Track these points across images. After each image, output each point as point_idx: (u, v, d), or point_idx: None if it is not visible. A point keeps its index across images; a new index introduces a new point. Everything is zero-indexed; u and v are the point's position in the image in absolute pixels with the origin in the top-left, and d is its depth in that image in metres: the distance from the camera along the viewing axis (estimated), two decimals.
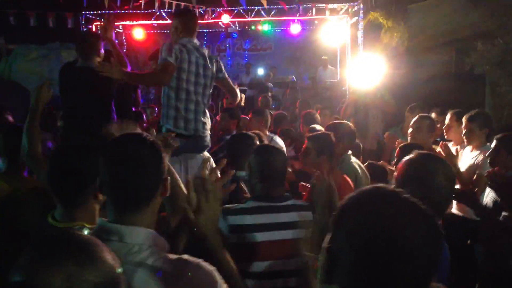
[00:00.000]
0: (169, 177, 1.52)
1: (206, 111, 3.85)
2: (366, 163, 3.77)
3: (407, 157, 1.99)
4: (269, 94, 9.57)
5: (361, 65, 8.47)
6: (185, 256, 1.40)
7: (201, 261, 1.39)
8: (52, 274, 0.92)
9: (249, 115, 5.43)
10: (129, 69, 4.27)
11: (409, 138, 4.03)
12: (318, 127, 4.44)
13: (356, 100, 7.03)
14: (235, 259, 2.24)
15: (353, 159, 3.57)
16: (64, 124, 4.57)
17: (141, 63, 11.67)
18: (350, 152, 3.58)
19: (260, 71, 11.50)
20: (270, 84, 10.94)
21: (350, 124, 3.71)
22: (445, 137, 4.34)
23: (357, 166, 3.50)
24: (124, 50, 9.93)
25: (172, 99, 3.68)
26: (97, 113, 3.96)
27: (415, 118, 4.12)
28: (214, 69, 3.86)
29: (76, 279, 0.93)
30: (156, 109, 8.37)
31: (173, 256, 1.40)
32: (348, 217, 1.03)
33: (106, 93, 4.07)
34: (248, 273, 2.32)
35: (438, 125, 4.37)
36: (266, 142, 3.79)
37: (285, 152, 2.52)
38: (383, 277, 0.95)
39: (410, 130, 4.08)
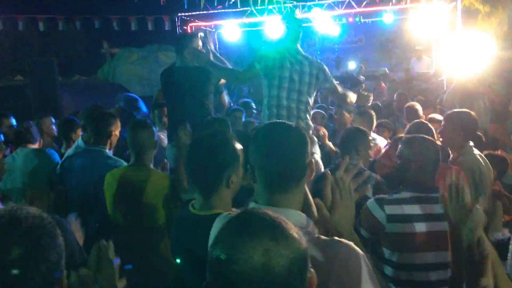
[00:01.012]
0: (313, 160, 1.57)
1: (304, 115, 3.86)
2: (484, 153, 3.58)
3: None
4: (362, 87, 9.37)
5: (462, 51, 8.02)
6: (336, 238, 1.44)
7: (352, 244, 1.42)
8: (251, 249, 0.97)
9: (351, 116, 5.37)
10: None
11: None
12: (437, 116, 4.30)
13: (459, 89, 6.66)
14: (392, 249, 2.24)
15: (475, 150, 3.40)
16: (168, 121, 4.82)
17: (232, 62, 11.96)
18: (471, 143, 3.42)
19: (352, 65, 11.29)
20: (362, 78, 10.70)
21: (472, 113, 3.51)
22: None
23: (479, 158, 3.33)
24: (217, 49, 10.21)
25: (265, 106, 3.81)
26: (195, 110, 4.10)
27: None
28: (316, 76, 3.86)
29: (274, 254, 0.97)
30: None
31: (325, 237, 1.44)
32: None
33: (203, 90, 4.19)
34: (406, 264, 2.34)
35: None
36: None
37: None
38: None
39: None
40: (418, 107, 5.01)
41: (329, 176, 1.59)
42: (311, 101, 3.89)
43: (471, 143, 3.41)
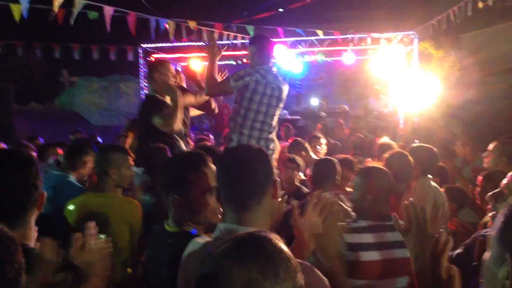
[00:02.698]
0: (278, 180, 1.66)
1: (267, 135, 3.88)
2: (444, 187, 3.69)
3: None
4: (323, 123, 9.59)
5: (416, 91, 8.45)
6: (299, 260, 1.44)
7: (313, 267, 1.44)
8: (235, 274, 0.96)
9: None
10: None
11: (485, 164, 3.92)
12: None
13: (413, 127, 6.93)
14: (351, 277, 2.28)
15: (433, 183, 3.50)
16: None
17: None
18: (430, 176, 3.51)
19: (314, 101, 11.56)
20: (324, 114, 10.97)
21: (432, 148, 3.63)
22: None
23: (436, 190, 3.43)
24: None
25: (238, 125, 3.79)
26: (144, 136, 4.15)
27: (494, 144, 4.01)
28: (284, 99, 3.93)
29: (255, 286, 0.95)
30: (212, 136, 8.51)
31: None
32: None
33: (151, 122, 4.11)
34: None
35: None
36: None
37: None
38: None
39: (486, 154, 3.98)
40: (394, 144, 5.20)
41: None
42: (275, 120, 3.94)
43: (430, 176, 3.51)
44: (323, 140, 5.64)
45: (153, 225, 2.77)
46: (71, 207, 2.95)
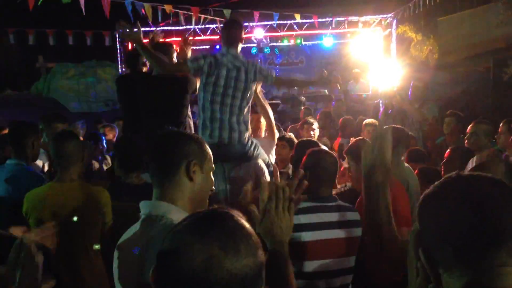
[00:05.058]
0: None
1: (240, 120, 3.75)
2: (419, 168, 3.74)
3: None
4: (302, 107, 9.59)
5: (392, 74, 8.53)
6: None
7: None
8: (197, 250, 0.95)
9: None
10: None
11: (465, 143, 4.04)
12: None
13: (389, 108, 6.98)
14: (292, 258, 2.28)
15: (406, 164, 3.52)
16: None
17: None
18: (403, 158, 3.53)
19: None
20: (303, 98, 10.96)
21: (404, 129, 3.64)
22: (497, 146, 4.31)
23: (409, 172, 3.45)
24: None
25: (200, 109, 3.76)
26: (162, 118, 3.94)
27: (471, 124, 4.11)
28: (252, 80, 3.80)
29: (216, 263, 0.94)
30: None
31: None
32: None
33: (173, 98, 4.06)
34: (302, 273, 2.37)
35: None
36: None
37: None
38: None
39: (467, 136, 4.09)
40: (377, 123, 5.30)
41: (266, 184, 1.57)
42: (247, 105, 3.81)
43: (402, 158, 3.53)
44: (315, 125, 5.55)
45: None
46: (33, 200, 2.80)
